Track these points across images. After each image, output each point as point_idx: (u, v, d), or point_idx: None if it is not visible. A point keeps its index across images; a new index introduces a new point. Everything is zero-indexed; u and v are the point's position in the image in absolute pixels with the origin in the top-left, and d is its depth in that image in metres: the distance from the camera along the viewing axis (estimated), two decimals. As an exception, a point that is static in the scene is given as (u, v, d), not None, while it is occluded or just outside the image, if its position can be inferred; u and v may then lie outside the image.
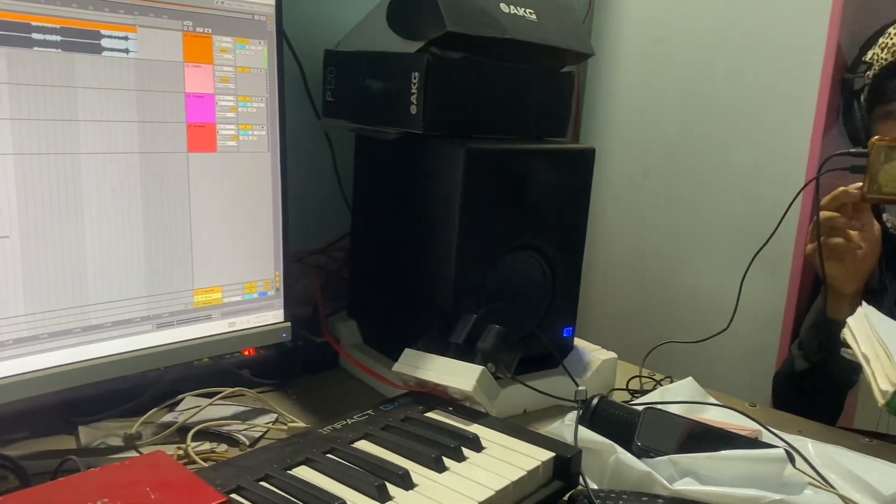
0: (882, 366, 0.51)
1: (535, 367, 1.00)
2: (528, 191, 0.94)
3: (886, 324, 0.59)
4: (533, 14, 0.95)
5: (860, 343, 0.57)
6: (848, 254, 1.01)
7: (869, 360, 0.53)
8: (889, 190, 0.89)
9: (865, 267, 1.01)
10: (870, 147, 0.88)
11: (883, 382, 0.49)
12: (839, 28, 1.17)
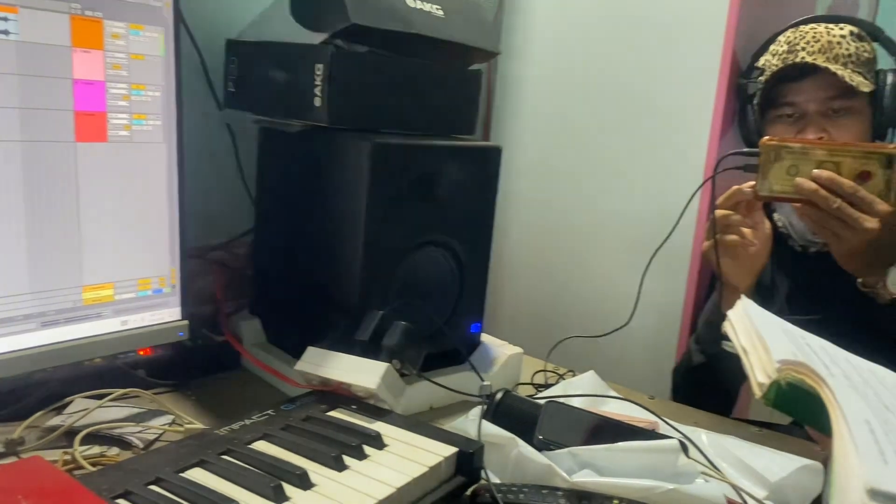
0: (759, 358, 0.53)
1: (442, 363, 1.00)
2: (435, 187, 0.94)
3: (764, 317, 0.61)
4: (440, 10, 0.95)
5: (739, 335, 0.59)
6: (741, 251, 1.05)
7: (747, 352, 0.55)
8: (779, 189, 0.93)
9: (758, 263, 1.06)
10: (761, 147, 0.92)
11: (760, 375, 0.51)
12: (734, 35, 1.22)
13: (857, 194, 0.88)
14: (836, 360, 0.52)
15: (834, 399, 0.44)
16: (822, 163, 0.90)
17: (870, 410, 0.43)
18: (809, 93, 1.07)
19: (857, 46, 1.07)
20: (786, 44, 1.10)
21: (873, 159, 0.89)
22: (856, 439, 0.39)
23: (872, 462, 0.37)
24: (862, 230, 0.88)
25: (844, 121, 1.07)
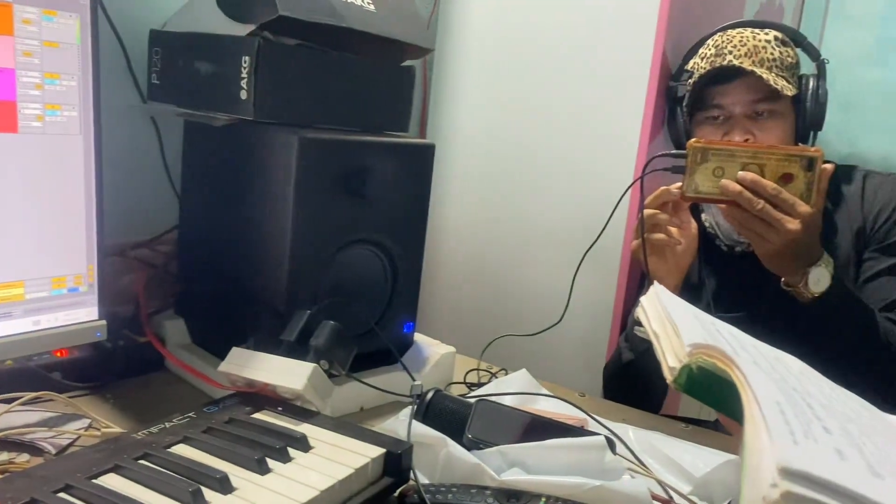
0: (671, 343, 0.53)
1: (374, 363, 0.99)
2: (365, 184, 0.93)
3: (676, 303, 0.62)
4: (371, 5, 0.94)
5: (651, 321, 0.59)
6: (668, 249, 1.07)
7: (659, 337, 0.56)
8: (705, 189, 0.95)
9: (684, 262, 1.08)
10: (687, 149, 0.94)
11: (671, 359, 0.51)
12: (664, 39, 1.24)
13: (780, 196, 0.90)
14: (744, 346, 0.53)
15: (745, 381, 0.44)
16: (746, 165, 0.92)
17: (780, 392, 0.44)
18: (736, 95, 1.09)
19: (782, 51, 1.10)
20: (714, 47, 1.13)
21: (795, 162, 0.91)
22: (767, 419, 0.39)
23: (784, 441, 0.37)
24: (784, 231, 0.91)
25: (769, 123, 1.09)
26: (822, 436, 0.39)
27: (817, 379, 0.55)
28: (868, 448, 0.41)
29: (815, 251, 0.96)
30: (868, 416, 0.51)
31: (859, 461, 0.38)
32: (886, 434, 0.49)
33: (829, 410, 0.45)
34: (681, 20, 1.27)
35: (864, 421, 0.49)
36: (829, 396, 0.51)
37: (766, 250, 0.95)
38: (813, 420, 0.41)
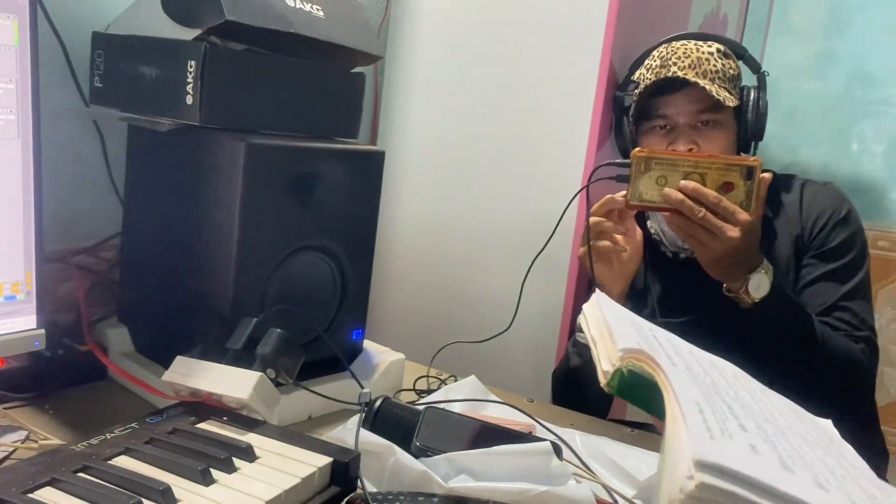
0: (605, 348, 0.55)
1: (323, 370, 0.98)
2: (314, 191, 0.92)
3: (615, 309, 0.64)
4: (320, 11, 0.94)
5: (590, 326, 0.61)
6: (614, 256, 1.09)
7: (596, 342, 0.57)
8: (648, 198, 0.97)
9: (630, 268, 1.10)
10: (632, 158, 0.96)
11: (605, 363, 0.52)
12: (611, 49, 1.26)
13: (720, 204, 0.93)
14: (679, 352, 0.55)
15: (668, 383, 0.46)
16: (688, 174, 0.94)
17: (701, 395, 0.45)
18: (680, 106, 1.12)
19: (724, 63, 1.13)
20: (659, 59, 1.15)
21: (735, 171, 0.94)
22: (686, 417, 0.41)
23: (700, 436, 0.39)
24: (724, 238, 0.93)
25: (712, 133, 1.12)
26: (737, 433, 0.41)
27: (748, 382, 0.57)
28: (782, 445, 0.42)
29: (755, 258, 0.99)
30: (792, 417, 0.54)
31: (772, 456, 0.40)
32: (807, 434, 0.52)
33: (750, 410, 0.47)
34: (627, 31, 1.29)
35: (784, 420, 0.51)
36: (758, 398, 0.53)
37: (708, 257, 0.97)
38: (730, 419, 0.43)
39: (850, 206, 1.15)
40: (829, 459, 0.46)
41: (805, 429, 0.54)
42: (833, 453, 0.52)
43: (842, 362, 1.03)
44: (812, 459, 0.43)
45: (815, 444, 0.50)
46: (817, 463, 0.43)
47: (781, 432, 0.46)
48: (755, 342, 1.02)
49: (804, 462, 0.42)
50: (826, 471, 0.42)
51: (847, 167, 2.65)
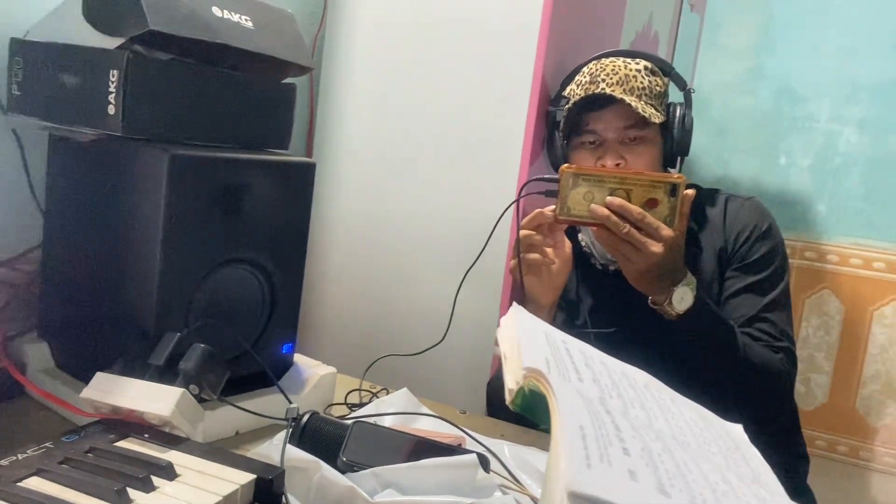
0: (513, 365, 0.55)
1: (251, 385, 0.97)
2: (242, 202, 0.91)
3: (530, 324, 0.64)
4: (249, 21, 0.93)
5: (503, 342, 0.61)
6: (544, 269, 1.10)
7: (507, 358, 0.58)
8: (577, 213, 0.98)
9: (559, 280, 1.11)
10: (560, 174, 0.97)
11: (510, 381, 0.53)
12: (543, 64, 1.28)
13: (644, 220, 0.95)
14: (589, 364, 0.56)
15: (556, 406, 0.46)
16: (614, 190, 0.96)
17: (589, 417, 0.46)
18: (608, 122, 1.14)
19: (651, 80, 1.16)
20: (588, 75, 1.17)
21: (659, 188, 0.96)
22: (565, 444, 0.41)
23: (576, 465, 0.40)
24: (648, 253, 0.95)
25: (639, 148, 1.15)
26: (618, 458, 0.42)
27: (660, 392, 0.58)
28: (666, 465, 0.44)
29: (679, 272, 1.01)
30: (699, 425, 0.55)
31: (650, 480, 0.41)
32: (712, 441, 0.53)
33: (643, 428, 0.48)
34: (560, 47, 1.32)
35: (688, 432, 0.52)
36: (666, 408, 0.54)
37: (632, 270, 0.99)
38: (614, 442, 0.44)
39: (772, 220, 1.19)
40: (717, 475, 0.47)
41: (711, 436, 0.55)
42: (737, 460, 0.54)
43: (762, 372, 1.07)
44: (696, 477, 0.44)
45: (712, 455, 0.51)
46: (700, 480, 0.44)
47: (669, 450, 0.47)
48: (680, 353, 1.05)
49: (685, 482, 0.43)
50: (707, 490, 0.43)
51: (775, 180, 2.74)
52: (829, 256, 2.67)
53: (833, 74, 2.57)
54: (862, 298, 2.63)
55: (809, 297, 2.71)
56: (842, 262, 2.66)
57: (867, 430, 2.67)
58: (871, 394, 2.65)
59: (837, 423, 2.69)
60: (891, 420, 2.63)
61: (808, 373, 2.73)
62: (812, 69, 2.62)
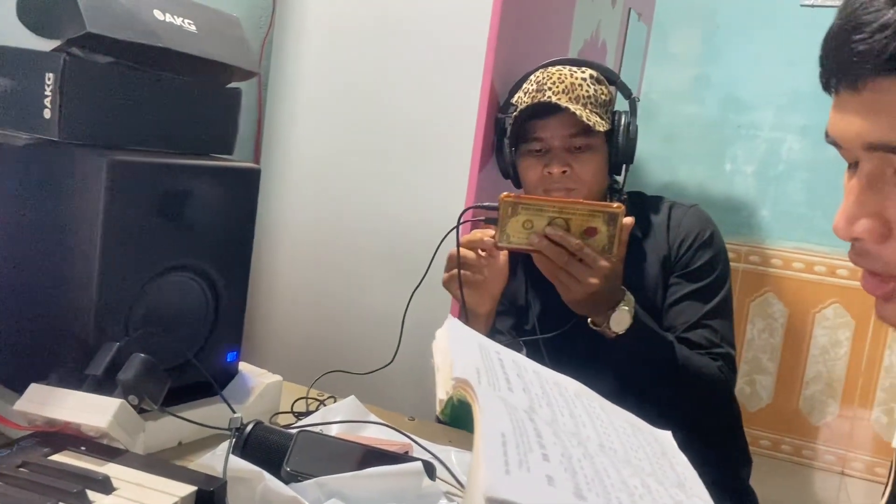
0: (443, 375, 0.56)
1: (195, 394, 0.95)
2: (184, 209, 0.90)
3: (463, 335, 0.65)
4: (192, 25, 0.91)
5: (436, 353, 0.62)
6: (479, 281, 1.12)
7: (438, 369, 0.58)
8: (516, 241, 0.99)
9: (494, 290, 1.13)
10: (499, 202, 0.98)
11: (440, 392, 0.53)
12: (492, 71, 1.29)
13: (582, 251, 0.96)
14: (522, 374, 0.57)
15: (479, 414, 0.47)
16: (553, 218, 0.97)
17: (511, 425, 0.47)
18: (554, 130, 1.15)
19: (596, 89, 1.18)
20: (535, 83, 1.19)
21: (598, 217, 0.97)
22: (484, 451, 0.42)
23: (495, 471, 0.40)
24: (585, 284, 0.97)
25: (585, 156, 1.16)
26: (537, 464, 0.43)
27: (590, 400, 0.59)
28: (586, 471, 0.45)
29: (617, 295, 1.02)
30: (626, 432, 0.56)
31: (568, 485, 0.42)
32: (639, 448, 0.54)
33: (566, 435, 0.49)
34: (508, 55, 1.33)
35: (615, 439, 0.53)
36: (595, 415, 0.55)
37: (570, 298, 1.01)
38: (535, 449, 0.45)
39: (714, 228, 1.22)
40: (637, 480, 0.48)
41: (639, 442, 0.57)
42: (663, 466, 0.55)
43: (701, 381, 1.09)
44: (614, 482, 0.46)
45: (638, 461, 0.53)
46: (618, 485, 0.45)
47: (590, 456, 0.48)
48: (619, 368, 1.07)
49: (602, 486, 0.44)
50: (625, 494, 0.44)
51: (721, 186, 2.81)
52: (772, 260, 2.74)
53: (776, 83, 2.64)
54: (804, 301, 2.71)
55: (754, 301, 2.78)
56: (785, 265, 2.74)
57: (809, 429, 2.75)
58: (814, 394, 2.73)
59: (781, 423, 2.76)
60: (832, 419, 2.71)
61: (754, 374, 2.80)
62: (756, 78, 2.70)
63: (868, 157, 0.54)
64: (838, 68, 0.54)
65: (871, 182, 0.54)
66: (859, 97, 0.53)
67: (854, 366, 2.67)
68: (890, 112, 0.51)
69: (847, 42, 0.52)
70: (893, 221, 0.54)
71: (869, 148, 0.53)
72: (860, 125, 0.53)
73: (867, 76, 0.52)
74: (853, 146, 0.55)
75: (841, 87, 0.55)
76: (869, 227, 0.54)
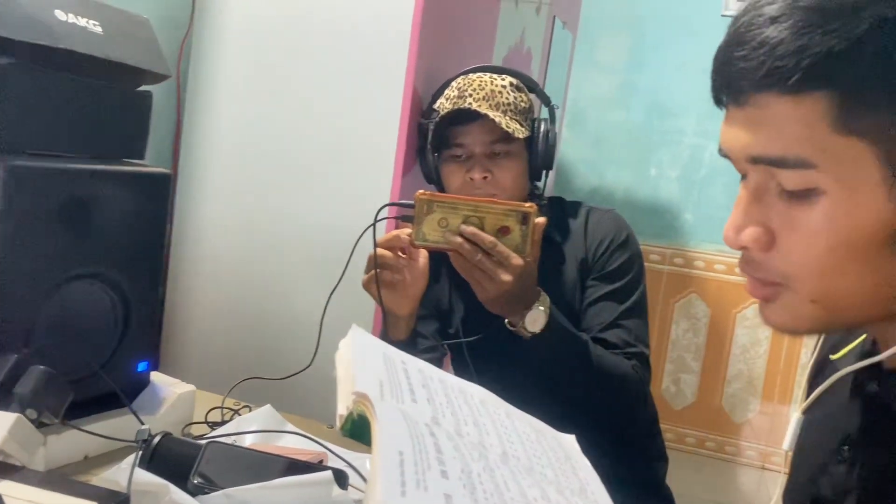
0: (344, 389, 0.55)
1: (103, 406, 0.92)
2: (91, 215, 0.87)
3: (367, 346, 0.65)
4: (98, 27, 0.89)
5: (339, 366, 0.62)
6: (399, 283, 1.11)
7: (339, 382, 0.58)
8: (432, 239, 0.99)
9: (414, 291, 1.12)
10: (415, 200, 0.98)
11: (341, 406, 0.53)
12: (414, 77, 1.29)
13: (496, 249, 0.97)
14: (427, 384, 0.57)
15: (377, 431, 0.47)
16: (468, 217, 0.98)
17: (410, 441, 0.47)
18: (475, 136, 1.16)
19: (516, 96, 1.19)
20: (457, 89, 1.20)
21: (512, 216, 0.98)
22: (381, 471, 0.42)
23: (391, 493, 0.40)
24: (498, 282, 0.97)
25: (505, 162, 1.18)
26: (435, 482, 0.43)
27: (496, 407, 0.60)
28: (485, 485, 0.45)
29: (532, 295, 1.03)
30: (530, 439, 0.57)
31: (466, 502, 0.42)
32: (541, 455, 0.55)
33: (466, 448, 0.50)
34: (431, 60, 1.33)
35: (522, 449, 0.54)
36: (499, 424, 0.56)
37: (484, 296, 1.01)
38: (433, 466, 0.45)
39: (630, 231, 1.24)
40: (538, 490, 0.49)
41: (542, 448, 0.57)
42: (566, 471, 0.56)
43: (616, 381, 1.10)
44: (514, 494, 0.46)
45: (541, 468, 0.53)
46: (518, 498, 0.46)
47: (491, 469, 0.48)
48: (536, 367, 1.08)
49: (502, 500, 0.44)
50: None
51: (646, 191, 2.88)
52: (696, 262, 2.82)
53: (698, 91, 2.72)
54: (726, 302, 2.79)
55: (678, 301, 2.86)
56: (707, 267, 2.82)
57: (732, 426, 2.84)
58: (736, 392, 2.82)
59: (705, 421, 2.84)
60: (753, 416, 2.81)
61: (678, 373, 2.88)
62: (679, 86, 2.78)
63: (753, 169, 0.56)
64: (724, 84, 0.56)
65: (757, 193, 0.57)
66: (743, 112, 0.55)
67: (773, 364, 2.77)
68: (770, 126, 0.53)
69: (731, 58, 0.54)
70: (777, 232, 0.56)
71: (753, 161, 0.56)
72: (745, 139, 0.55)
73: (749, 91, 0.54)
74: (739, 159, 0.57)
75: (728, 102, 0.57)
76: (755, 236, 0.56)
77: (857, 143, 0.51)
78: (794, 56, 0.50)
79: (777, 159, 0.54)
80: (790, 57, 0.50)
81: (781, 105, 0.52)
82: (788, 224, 0.55)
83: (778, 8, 0.51)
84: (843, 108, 0.51)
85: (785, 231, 0.55)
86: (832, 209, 0.53)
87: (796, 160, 0.53)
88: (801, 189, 0.54)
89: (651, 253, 2.83)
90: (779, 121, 0.53)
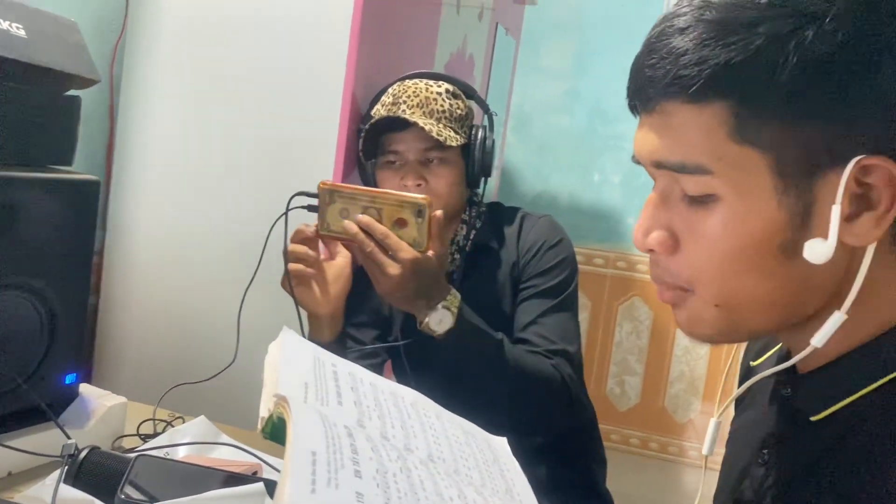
0: (267, 392, 0.55)
1: (28, 420, 0.89)
2: (13, 223, 0.84)
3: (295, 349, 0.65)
4: (21, 30, 0.86)
5: (267, 367, 0.61)
6: (316, 280, 1.10)
7: (265, 385, 0.58)
8: (335, 229, 0.99)
9: (335, 290, 1.12)
10: (318, 190, 0.98)
11: (263, 409, 0.53)
12: (353, 83, 1.29)
13: (387, 240, 0.97)
14: (356, 387, 0.57)
15: (291, 432, 0.47)
16: (366, 208, 0.98)
17: (325, 441, 0.47)
18: (409, 143, 1.17)
19: (452, 103, 1.20)
20: (392, 96, 1.20)
21: (406, 208, 0.98)
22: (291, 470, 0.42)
23: (299, 491, 0.41)
24: (387, 273, 0.97)
25: (440, 169, 1.18)
26: (347, 481, 0.43)
27: (425, 409, 0.60)
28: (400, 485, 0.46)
29: (436, 292, 1.02)
30: (458, 441, 0.57)
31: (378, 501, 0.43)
32: (469, 457, 0.55)
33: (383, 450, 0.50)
34: (370, 66, 1.33)
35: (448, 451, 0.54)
36: (427, 425, 0.56)
37: (380, 290, 1.01)
38: (347, 466, 0.45)
39: (563, 235, 1.26)
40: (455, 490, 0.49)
41: (471, 450, 0.58)
42: (493, 473, 0.57)
43: (534, 380, 1.09)
44: (429, 494, 0.47)
45: (467, 470, 0.54)
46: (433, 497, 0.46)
47: (408, 469, 0.49)
48: (451, 369, 1.08)
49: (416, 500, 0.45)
50: None
51: (590, 195, 2.92)
52: (638, 266, 2.87)
53: (639, 98, 2.77)
54: (668, 304, 2.85)
55: (622, 304, 2.90)
56: (649, 271, 2.88)
57: (675, 426, 2.89)
58: (678, 392, 2.87)
59: (649, 422, 2.89)
60: (695, 416, 2.87)
61: (623, 375, 2.92)
62: (622, 91, 2.79)
63: (660, 174, 0.58)
64: (636, 91, 0.58)
65: (663, 198, 0.59)
66: (651, 118, 0.57)
67: (714, 364, 2.84)
68: (673, 133, 0.55)
69: (642, 66, 0.56)
70: (680, 236, 0.58)
71: (657, 166, 0.57)
72: (652, 145, 0.57)
73: (657, 98, 0.55)
74: (647, 164, 0.59)
75: (639, 109, 0.58)
76: (660, 239, 0.58)
77: (751, 152, 0.53)
78: (696, 66, 0.52)
79: (678, 165, 0.56)
80: (693, 66, 0.52)
81: (684, 113, 0.54)
82: (690, 228, 0.57)
83: (686, 20, 0.53)
84: (739, 118, 0.53)
85: (687, 235, 0.57)
86: (728, 215, 0.55)
87: (695, 166, 0.55)
88: (701, 195, 0.56)
89: (595, 257, 2.87)
90: (681, 128, 0.55)
